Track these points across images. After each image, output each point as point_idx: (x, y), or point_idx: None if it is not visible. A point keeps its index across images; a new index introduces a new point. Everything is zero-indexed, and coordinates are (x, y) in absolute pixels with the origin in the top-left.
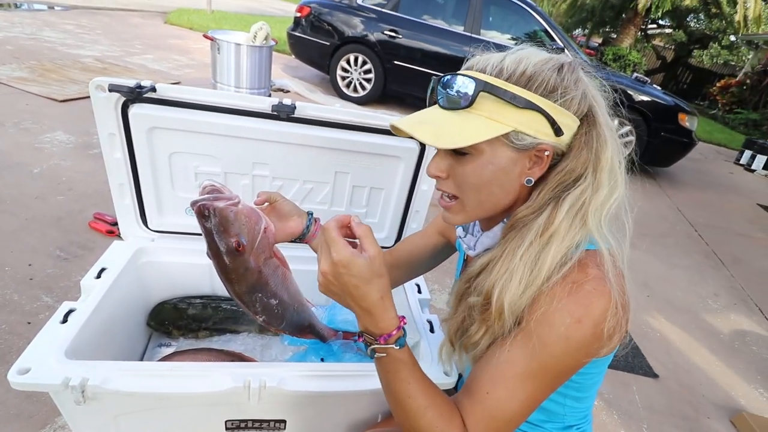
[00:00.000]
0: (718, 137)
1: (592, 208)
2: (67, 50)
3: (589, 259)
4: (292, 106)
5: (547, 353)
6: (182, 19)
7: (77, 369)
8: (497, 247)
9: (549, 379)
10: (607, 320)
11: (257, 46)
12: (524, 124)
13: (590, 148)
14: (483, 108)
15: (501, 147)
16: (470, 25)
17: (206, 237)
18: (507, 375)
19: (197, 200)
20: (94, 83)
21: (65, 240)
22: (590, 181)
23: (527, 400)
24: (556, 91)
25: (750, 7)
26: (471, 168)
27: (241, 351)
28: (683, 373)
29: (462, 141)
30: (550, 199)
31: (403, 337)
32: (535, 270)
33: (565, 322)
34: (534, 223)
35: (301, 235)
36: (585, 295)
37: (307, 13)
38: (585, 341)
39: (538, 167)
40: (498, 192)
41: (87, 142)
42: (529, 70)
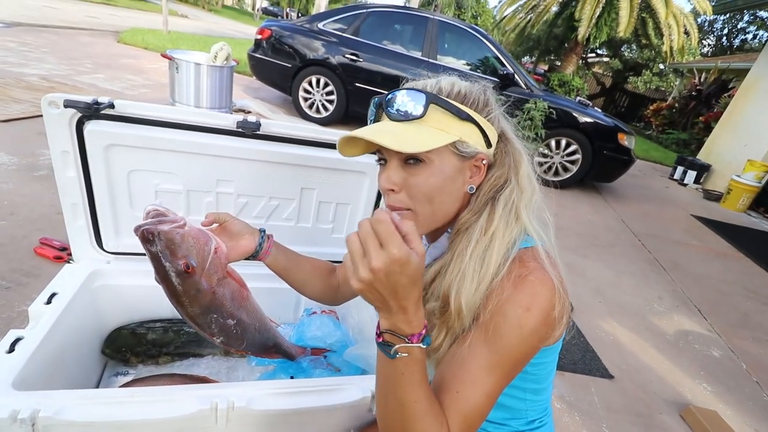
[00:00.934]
0: (653, 155)
1: (522, 205)
2: (9, 68)
3: (526, 254)
4: (257, 123)
5: (504, 343)
6: (136, 39)
7: (27, 400)
8: (447, 253)
9: (509, 368)
10: (553, 305)
11: (218, 66)
12: (466, 134)
13: (511, 157)
14: (432, 119)
15: (448, 156)
16: (427, 51)
17: (153, 262)
18: (472, 371)
19: (141, 225)
20: (46, 99)
21: (7, 268)
22: (514, 184)
23: (491, 391)
24: (486, 107)
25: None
26: (423, 177)
27: (205, 375)
28: (636, 373)
29: (423, 146)
30: (486, 201)
31: (428, 336)
32: (484, 266)
33: (517, 312)
34: (476, 224)
35: (255, 253)
36: (530, 285)
37: (268, 36)
38: (536, 327)
39: (477, 176)
40: (447, 200)
41: (32, 163)
42: (462, 89)
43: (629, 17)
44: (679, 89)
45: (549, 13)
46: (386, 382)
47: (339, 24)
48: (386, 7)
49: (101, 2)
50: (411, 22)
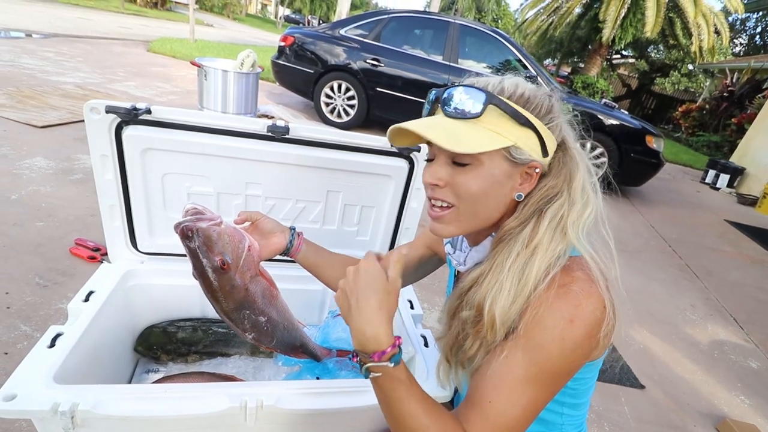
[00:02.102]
0: (683, 158)
1: (570, 221)
2: (47, 77)
3: (573, 264)
4: (286, 127)
5: (544, 355)
6: (165, 48)
7: (66, 394)
8: (487, 260)
9: (548, 383)
10: (598, 320)
11: (244, 73)
12: (522, 140)
13: (567, 168)
14: (488, 120)
15: (500, 160)
16: (448, 55)
17: (191, 257)
18: (506, 381)
19: (180, 222)
20: (88, 105)
21: (45, 267)
22: (565, 197)
23: (528, 405)
24: (549, 114)
25: (704, 39)
26: (470, 178)
27: (233, 374)
28: (668, 384)
29: (475, 147)
30: (533, 212)
31: (398, 355)
32: (523, 280)
33: (558, 323)
34: (520, 235)
35: (285, 250)
36: (573, 296)
37: (291, 42)
38: (579, 341)
39: (527, 183)
40: (492, 204)
41: (68, 167)
42: (526, 93)
43: (656, 17)
44: (709, 90)
45: (572, 14)
46: (378, 400)
47: (360, 30)
48: (407, 13)
49: (132, 13)
50: (432, 26)
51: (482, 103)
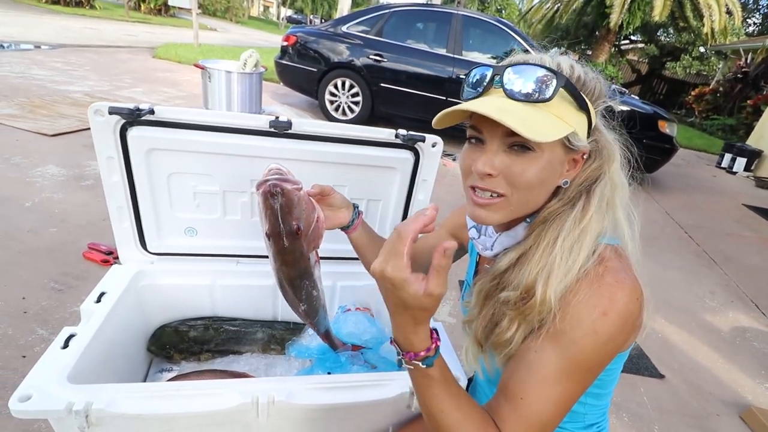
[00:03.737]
0: (697, 143)
1: (616, 200)
2: (57, 87)
3: (608, 252)
4: (288, 122)
5: (577, 349)
6: (170, 53)
7: (80, 393)
8: (527, 241)
9: (581, 376)
10: (632, 311)
11: (248, 73)
12: (579, 125)
13: (607, 150)
14: (554, 105)
15: (558, 147)
16: (452, 47)
17: (270, 217)
18: (539, 377)
19: (267, 179)
20: (92, 108)
21: (59, 271)
22: (607, 179)
23: (561, 400)
24: (599, 99)
25: (716, 20)
26: (529, 166)
27: (245, 371)
28: (689, 372)
29: (551, 135)
30: (580, 192)
31: (431, 357)
32: (572, 256)
33: (592, 316)
34: (568, 215)
35: (346, 226)
36: (607, 287)
37: (293, 42)
38: (612, 334)
39: (573, 170)
40: (543, 192)
41: (79, 174)
42: (582, 75)
43: (664, 0)
44: (723, 72)
45: (578, 1)
46: (414, 387)
47: (362, 26)
48: (409, 6)
49: (137, 21)
50: (434, 19)
51: (554, 86)
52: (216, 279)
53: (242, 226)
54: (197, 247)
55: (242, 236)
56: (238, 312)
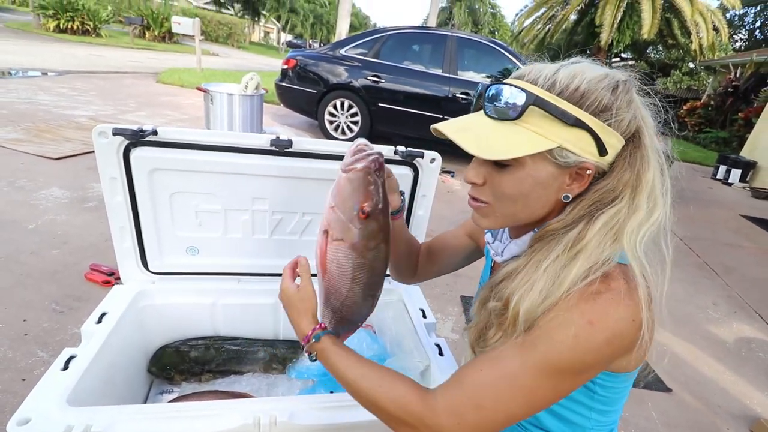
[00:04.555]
0: (692, 156)
1: (627, 229)
2: (62, 111)
3: (616, 271)
4: (289, 141)
5: (552, 347)
6: (173, 78)
7: (80, 416)
8: (523, 256)
9: (549, 376)
10: (622, 330)
11: (249, 95)
12: (570, 141)
13: (633, 169)
14: (530, 121)
15: (543, 162)
16: (447, 67)
17: (373, 193)
18: (503, 362)
19: (370, 153)
20: (96, 129)
21: (61, 293)
22: (627, 202)
23: (517, 391)
24: (608, 111)
25: (703, 37)
26: (510, 179)
27: (247, 392)
28: (696, 385)
29: (504, 153)
30: (583, 216)
31: (319, 333)
32: (557, 282)
33: (577, 322)
34: (563, 237)
35: (395, 212)
36: (602, 301)
37: (293, 65)
38: (594, 345)
39: (577, 184)
40: (534, 204)
41: (82, 196)
42: (582, 86)
43: (652, 19)
44: (713, 86)
45: (568, 21)
46: (337, 379)
47: (360, 49)
48: (405, 29)
49: (142, 48)
50: (430, 41)
51: (521, 104)
52: (217, 298)
53: (243, 244)
54: (199, 265)
55: (243, 254)
56: (240, 331)
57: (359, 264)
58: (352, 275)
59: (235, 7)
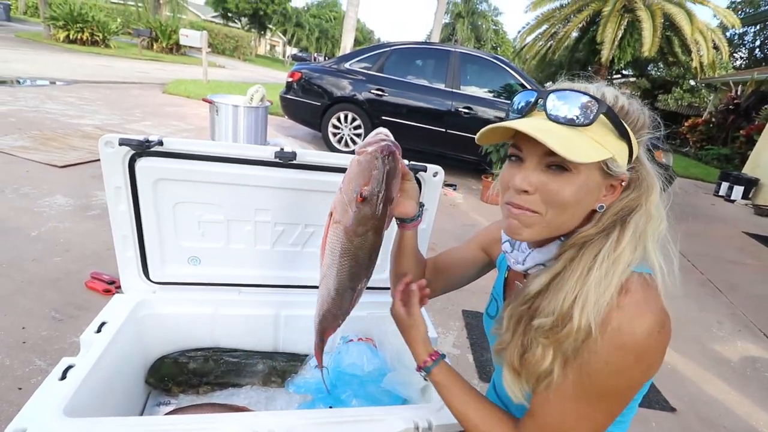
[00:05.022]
0: (694, 172)
1: (648, 233)
2: (69, 120)
3: (636, 281)
4: (293, 153)
5: (591, 377)
6: (179, 89)
7: (76, 427)
8: (557, 264)
9: (596, 402)
10: (649, 344)
11: (254, 107)
12: (619, 153)
13: (646, 183)
14: (593, 130)
15: (596, 171)
16: (450, 82)
17: (375, 177)
18: (557, 393)
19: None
20: (103, 139)
21: (62, 301)
22: (643, 211)
23: (578, 418)
24: (641, 129)
25: (704, 55)
26: (565, 186)
27: (245, 405)
28: (701, 405)
29: (586, 156)
30: (615, 222)
31: (430, 366)
32: (603, 286)
33: (607, 348)
34: (605, 244)
35: (409, 219)
36: (628, 321)
37: (298, 78)
38: (626, 367)
39: (610, 195)
40: (577, 213)
41: (85, 204)
42: (626, 105)
43: (653, 37)
44: (714, 104)
45: (569, 38)
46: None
47: (364, 63)
48: (408, 44)
49: (150, 59)
50: (433, 56)
51: (594, 112)
52: (218, 308)
53: (245, 254)
54: (200, 275)
55: (245, 265)
56: (239, 342)
57: (345, 249)
58: (339, 261)
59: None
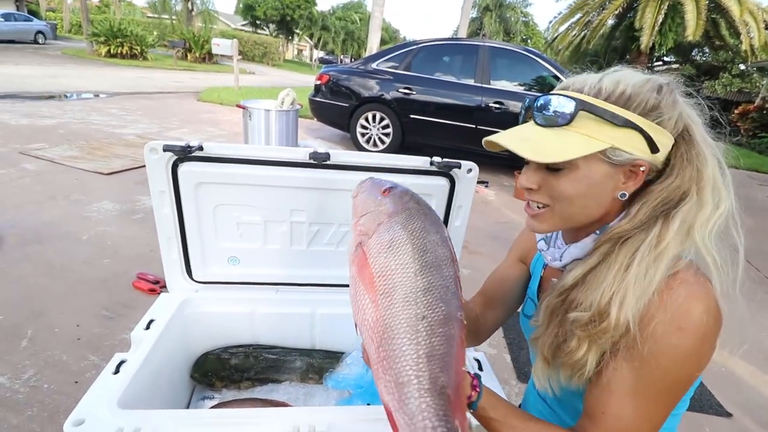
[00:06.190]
0: (747, 162)
1: (697, 224)
2: (112, 130)
3: (688, 269)
4: (326, 154)
5: (654, 366)
6: (213, 96)
7: (130, 419)
8: (591, 257)
9: (659, 394)
10: (708, 326)
11: (284, 110)
12: (621, 140)
13: (692, 165)
14: (581, 126)
15: (596, 162)
16: (480, 77)
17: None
18: (618, 392)
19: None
20: (148, 146)
21: (111, 300)
22: (695, 198)
23: (643, 414)
24: (655, 110)
25: (754, 37)
26: (565, 182)
27: (284, 400)
28: (759, 410)
29: (557, 156)
30: (656, 216)
31: (474, 402)
32: (645, 282)
33: (668, 332)
34: (642, 238)
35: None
36: (682, 301)
37: (326, 80)
38: (690, 349)
39: (632, 182)
40: (591, 204)
41: (131, 208)
42: (628, 90)
43: (697, 20)
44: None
45: (605, 26)
46: None
47: (391, 62)
48: (435, 41)
49: (184, 69)
50: (461, 51)
51: (571, 110)
52: (256, 307)
53: (282, 254)
54: (239, 275)
55: (282, 264)
56: (278, 340)
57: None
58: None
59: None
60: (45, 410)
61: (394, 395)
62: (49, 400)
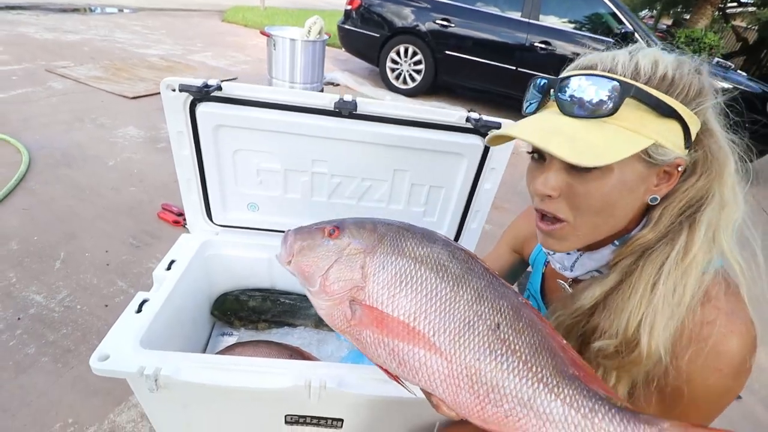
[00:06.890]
0: None
1: (722, 227)
2: (135, 50)
3: (715, 285)
4: (354, 103)
5: (689, 401)
6: (237, 17)
7: (151, 358)
8: (611, 275)
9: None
10: (744, 359)
11: (311, 41)
12: (663, 135)
13: (717, 162)
14: (623, 116)
15: (633, 162)
16: (528, 11)
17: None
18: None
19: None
20: (164, 83)
21: (137, 228)
22: (717, 198)
23: None
24: (699, 97)
25: None
26: (596, 187)
27: (298, 345)
28: None
29: (609, 156)
30: (680, 222)
31: None
32: (674, 302)
33: (705, 372)
34: (668, 253)
35: None
36: (720, 338)
37: (358, 5)
38: (729, 387)
39: (665, 184)
40: (619, 214)
41: (155, 136)
42: (669, 72)
43: None
44: None
45: None
46: None
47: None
48: None
49: None
50: None
51: (615, 97)
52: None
53: (302, 204)
54: (258, 221)
55: (301, 214)
56: (294, 287)
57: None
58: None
59: None
60: (78, 330)
61: (531, 418)
62: (82, 320)
